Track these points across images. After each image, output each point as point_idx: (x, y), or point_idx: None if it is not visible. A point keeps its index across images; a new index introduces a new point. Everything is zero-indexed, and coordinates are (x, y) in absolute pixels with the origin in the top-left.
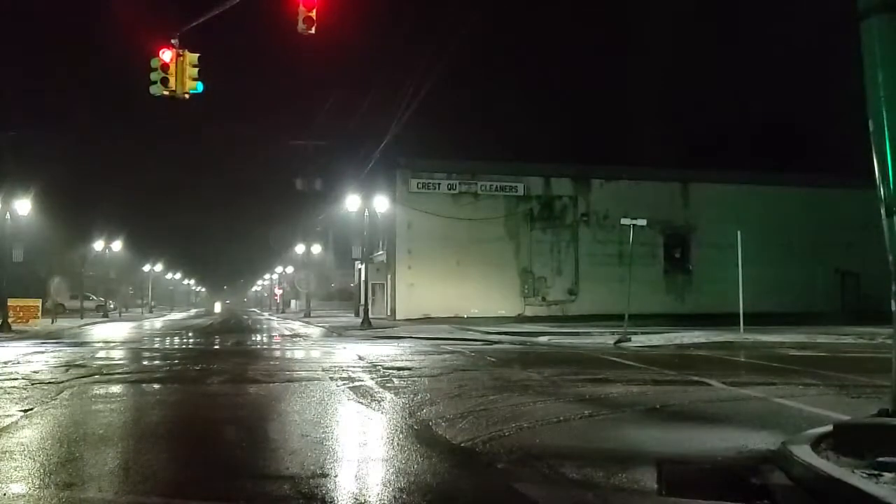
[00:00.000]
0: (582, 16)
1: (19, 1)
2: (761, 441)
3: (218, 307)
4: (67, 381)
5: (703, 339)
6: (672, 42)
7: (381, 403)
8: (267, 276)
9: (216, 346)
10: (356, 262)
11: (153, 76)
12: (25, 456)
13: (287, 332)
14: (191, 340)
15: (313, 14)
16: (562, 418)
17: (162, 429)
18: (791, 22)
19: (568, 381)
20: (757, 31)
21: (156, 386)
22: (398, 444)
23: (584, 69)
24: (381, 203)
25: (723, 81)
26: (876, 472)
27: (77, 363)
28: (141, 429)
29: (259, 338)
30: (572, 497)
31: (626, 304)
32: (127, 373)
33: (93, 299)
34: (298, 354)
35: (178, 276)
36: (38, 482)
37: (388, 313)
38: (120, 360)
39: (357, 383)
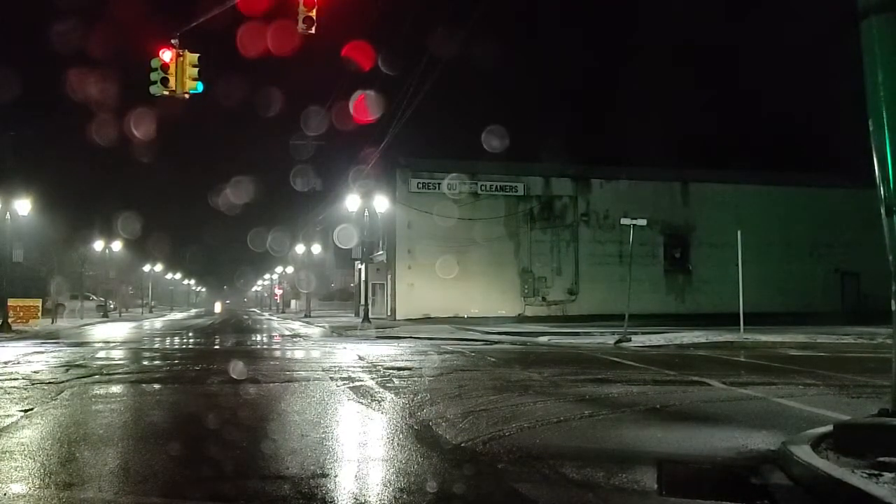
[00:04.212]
0: (582, 15)
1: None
2: (761, 441)
3: (218, 307)
4: (67, 381)
5: (703, 339)
6: (672, 41)
7: (382, 403)
8: (267, 276)
9: (216, 346)
10: (356, 262)
11: (153, 76)
12: (25, 456)
13: (287, 332)
14: (191, 340)
15: (313, 14)
16: (562, 418)
17: (162, 429)
18: (791, 21)
19: (568, 382)
20: (757, 30)
21: (156, 386)
22: (398, 444)
23: (584, 69)
24: (381, 203)
25: (723, 81)
26: (876, 472)
27: (77, 363)
28: (141, 429)
29: (259, 338)
30: (572, 497)
31: (626, 304)
32: (127, 373)
33: (93, 299)
34: (298, 354)
35: (178, 276)
36: (38, 482)
37: (388, 313)
38: (120, 360)
39: (357, 383)
